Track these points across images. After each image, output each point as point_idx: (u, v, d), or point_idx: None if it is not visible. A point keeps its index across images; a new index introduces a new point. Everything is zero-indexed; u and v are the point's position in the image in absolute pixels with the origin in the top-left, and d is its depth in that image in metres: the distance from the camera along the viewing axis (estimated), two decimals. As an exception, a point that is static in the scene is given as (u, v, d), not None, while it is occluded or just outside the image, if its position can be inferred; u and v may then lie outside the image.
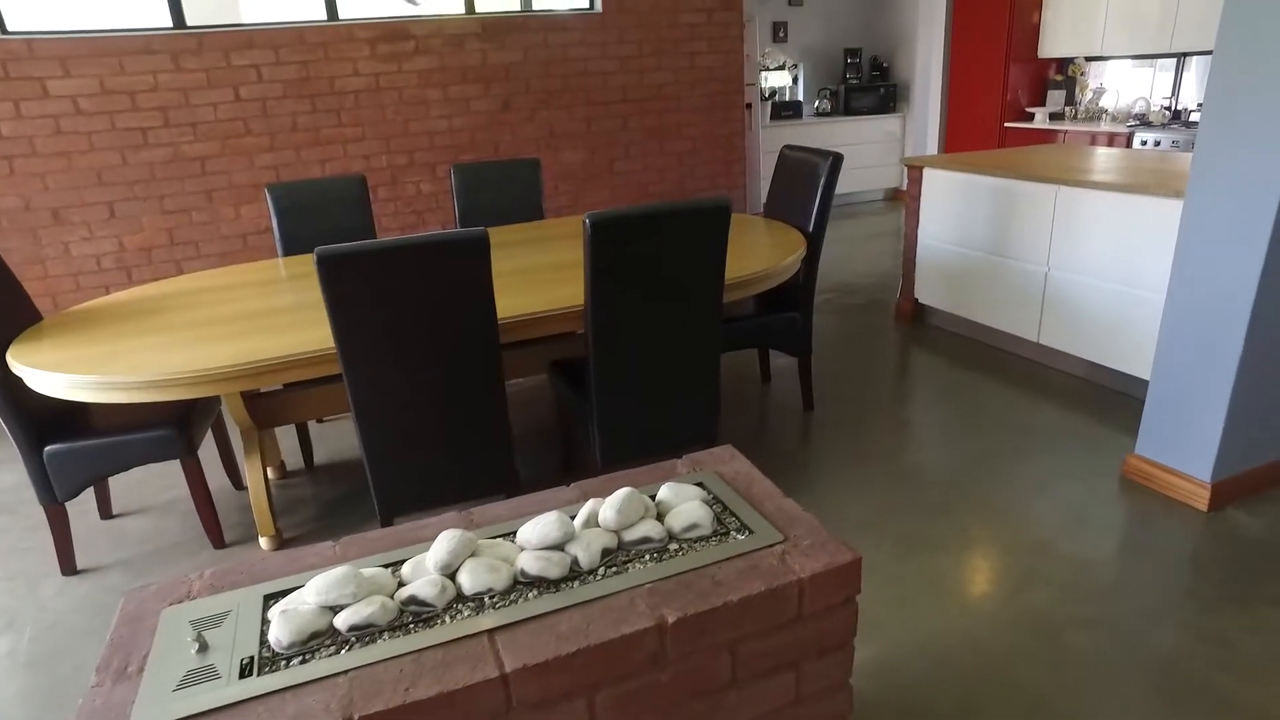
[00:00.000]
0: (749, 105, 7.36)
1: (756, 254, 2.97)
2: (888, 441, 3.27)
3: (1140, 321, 3.33)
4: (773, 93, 8.03)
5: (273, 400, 2.83)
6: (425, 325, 2.19)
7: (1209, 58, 5.96)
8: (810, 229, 3.27)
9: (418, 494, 2.43)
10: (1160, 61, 6.33)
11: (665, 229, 2.29)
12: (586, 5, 5.01)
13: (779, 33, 8.21)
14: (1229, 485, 2.65)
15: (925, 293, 4.49)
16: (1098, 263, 3.46)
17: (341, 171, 4.70)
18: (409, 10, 4.88)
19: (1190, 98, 6.02)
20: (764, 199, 3.75)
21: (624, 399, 2.52)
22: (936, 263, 4.35)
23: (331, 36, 4.49)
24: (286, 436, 3.59)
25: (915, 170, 4.38)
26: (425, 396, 2.29)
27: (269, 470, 3.13)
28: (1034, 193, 3.70)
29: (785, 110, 8.03)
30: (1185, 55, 5.91)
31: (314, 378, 2.48)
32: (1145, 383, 3.42)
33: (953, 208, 4.17)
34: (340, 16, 4.59)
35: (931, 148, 7.35)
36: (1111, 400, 3.52)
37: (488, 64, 4.81)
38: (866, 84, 8.28)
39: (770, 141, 7.78)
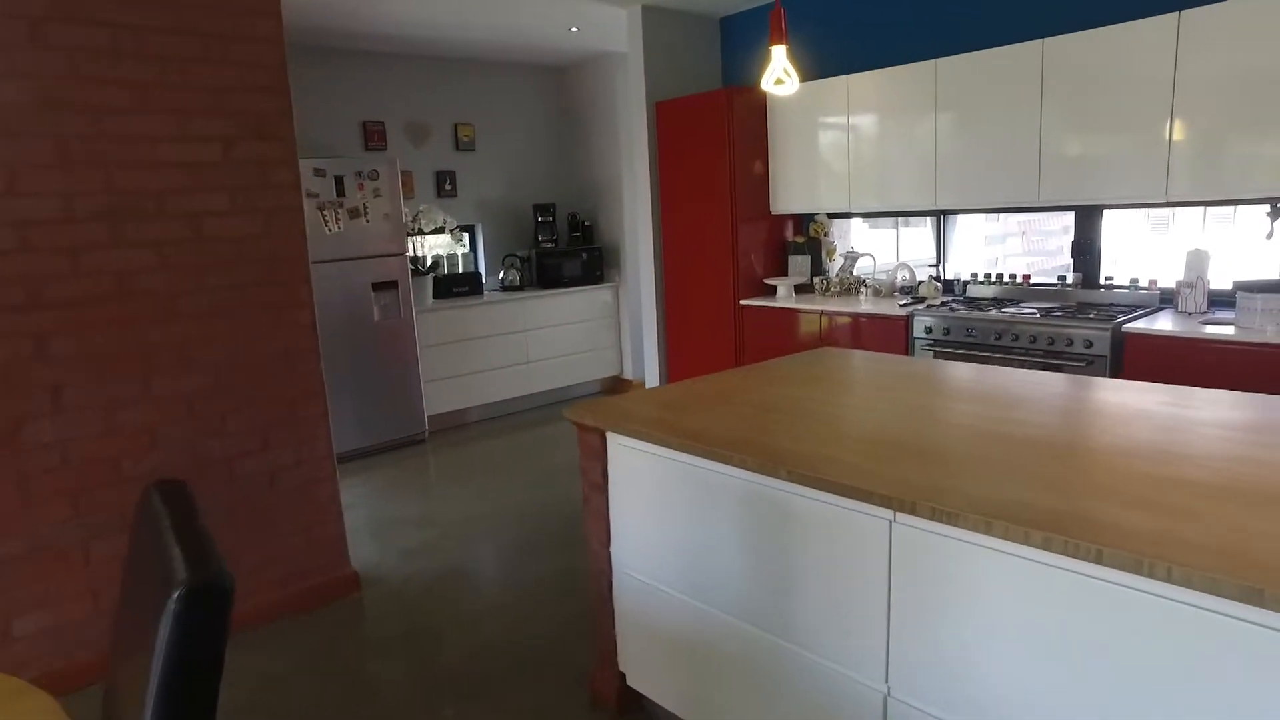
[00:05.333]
0: (394, 283, 5.13)
1: None
2: None
3: None
4: (435, 264, 5.87)
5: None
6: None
7: (975, 216, 4.66)
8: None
9: None
10: (908, 217, 4.96)
11: None
12: (-51, 124, 2.50)
13: (445, 184, 6.18)
14: None
15: (638, 670, 2.25)
16: (1014, 696, 1.39)
17: None
18: None
19: (961, 263, 4.61)
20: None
21: None
22: (653, 618, 2.14)
23: None
24: None
25: (591, 435, 2.22)
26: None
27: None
28: (841, 523, 1.62)
29: (457, 286, 5.88)
30: (947, 213, 4.52)
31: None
32: None
33: (673, 519, 2.02)
34: None
35: (651, 336, 5.47)
36: None
37: None
38: (566, 249, 6.40)
39: (434, 331, 5.53)
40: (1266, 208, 3.40)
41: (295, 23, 4.83)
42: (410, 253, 5.57)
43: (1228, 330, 3.10)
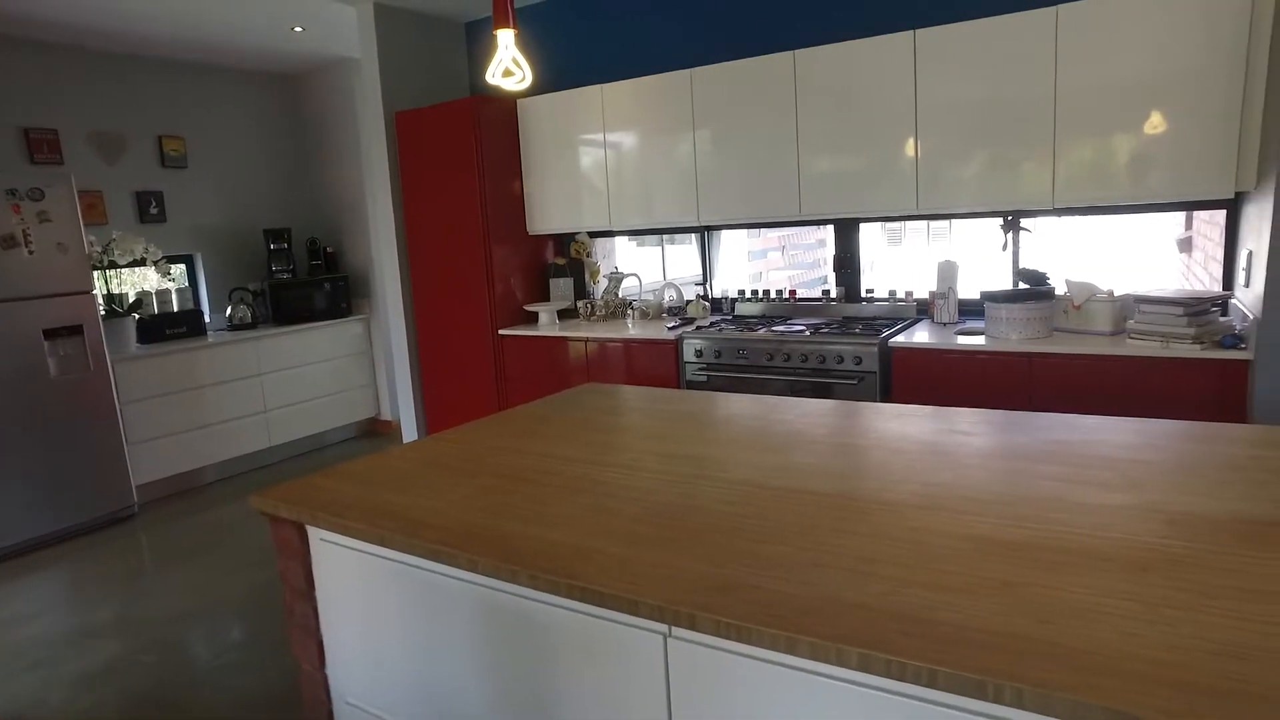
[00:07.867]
0: (77, 328, 4.20)
1: None
2: None
3: None
4: (138, 302, 4.92)
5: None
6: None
7: (737, 231, 4.56)
8: None
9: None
10: (672, 234, 4.81)
11: None
12: None
13: (150, 207, 5.23)
14: None
15: (375, 825, 1.75)
16: None
17: None
18: None
19: (728, 280, 4.49)
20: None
21: None
22: (386, 758, 1.66)
23: None
24: None
25: (287, 529, 1.70)
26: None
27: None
28: (605, 639, 1.25)
29: (173, 326, 4.97)
30: (711, 229, 4.39)
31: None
32: None
33: (400, 636, 1.55)
34: None
35: (404, 374, 4.89)
36: None
37: None
38: (306, 279, 5.65)
39: (142, 382, 4.62)
40: (1000, 221, 3.52)
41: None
42: (103, 290, 4.62)
43: (979, 340, 3.14)
